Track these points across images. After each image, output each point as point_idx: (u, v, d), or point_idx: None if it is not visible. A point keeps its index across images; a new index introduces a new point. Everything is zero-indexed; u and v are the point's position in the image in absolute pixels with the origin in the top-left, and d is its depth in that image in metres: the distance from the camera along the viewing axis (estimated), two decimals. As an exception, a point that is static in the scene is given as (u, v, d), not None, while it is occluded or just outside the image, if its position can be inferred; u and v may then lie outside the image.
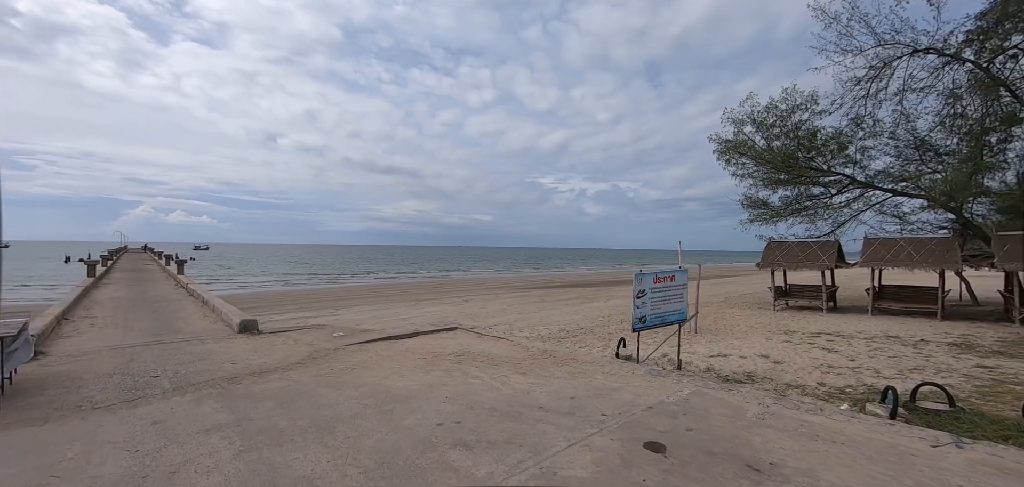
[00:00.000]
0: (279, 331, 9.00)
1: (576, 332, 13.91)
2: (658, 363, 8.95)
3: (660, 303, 8.20)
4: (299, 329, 9.23)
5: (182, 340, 8.16)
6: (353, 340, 7.92)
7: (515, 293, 30.38)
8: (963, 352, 10.38)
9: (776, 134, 18.74)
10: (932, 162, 17.68)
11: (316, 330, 9.11)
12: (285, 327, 9.70)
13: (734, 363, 9.29)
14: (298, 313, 20.21)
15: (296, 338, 8.26)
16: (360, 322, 15.97)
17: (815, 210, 19.57)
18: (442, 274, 55.70)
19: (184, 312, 11.64)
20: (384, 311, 21.07)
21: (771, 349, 10.65)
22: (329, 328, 9.38)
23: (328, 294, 32.27)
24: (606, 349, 10.52)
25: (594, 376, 6.17)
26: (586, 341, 12.03)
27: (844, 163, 18.35)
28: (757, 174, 19.87)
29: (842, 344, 11.22)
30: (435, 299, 27.32)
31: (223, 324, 9.68)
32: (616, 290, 31.68)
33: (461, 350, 7.37)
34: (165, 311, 11.88)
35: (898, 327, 13.39)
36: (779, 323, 14.59)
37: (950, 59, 16.84)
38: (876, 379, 8.27)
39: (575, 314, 19.23)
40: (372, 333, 8.73)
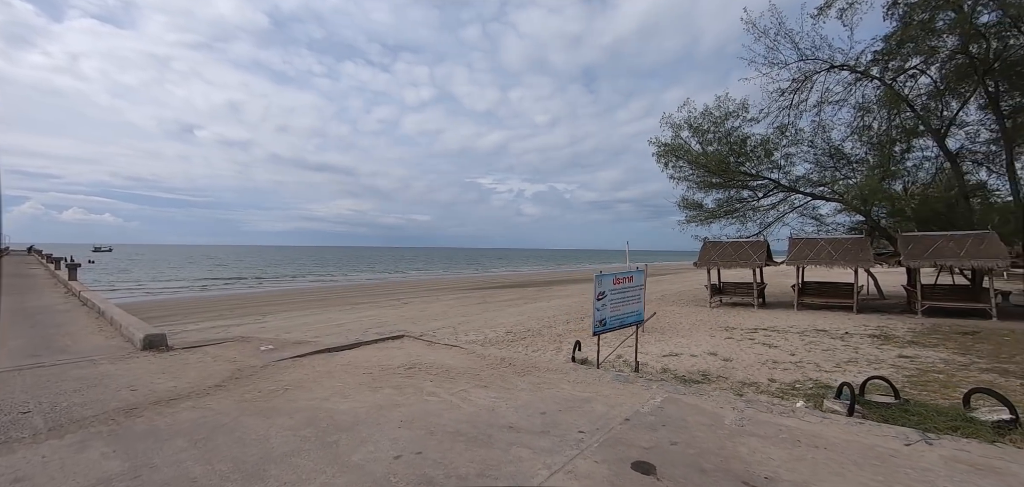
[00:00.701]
0: (194, 345, 7.73)
1: (524, 335, 13.47)
2: (614, 365, 8.69)
3: (619, 305, 7.92)
4: (219, 342, 8.00)
5: (67, 361, 6.72)
6: (285, 354, 6.92)
7: (456, 295, 29.56)
8: (883, 343, 11.07)
9: (710, 139, 19.46)
10: (844, 169, 19.11)
11: (239, 343, 7.94)
12: (202, 340, 8.40)
13: (687, 362, 9.24)
14: (218, 322, 18.23)
15: (215, 354, 7.10)
16: (291, 331, 14.57)
17: (744, 212, 20.55)
18: (379, 276, 53.43)
19: (74, 326, 9.84)
20: (317, 317, 19.53)
21: (717, 346, 10.78)
22: (255, 340, 8.23)
23: (253, 299, 29.69)
24: (559, 352, 10.13)
25: (560, 386, 5.71)
26: (537, 344, 11.60)
27: (770, 168, 19.41)
28: (693, 177, 20.55)
29: (779, 339, 11.63)
30: (372, 302, 25.91)
31: (123, 339, 8.19)
32: (556, 290, 31.77)
33: (411, 361, 6.63)
34: (49, 325, 10.00)
35: (822, 321, 14.20)
36: (718, 320, 15.01)
37: (860, 75, 18.29)
38: (819, 373, 8.50)
39: (520, 315, 18.83)
40: (307, 345, 7.73)
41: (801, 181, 19.43)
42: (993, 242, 14.14)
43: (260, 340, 8.10)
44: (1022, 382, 7.86)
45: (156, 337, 7.43)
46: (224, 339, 8.31)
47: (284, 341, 8.17)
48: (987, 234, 14.40)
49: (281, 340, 8.33)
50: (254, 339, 8.31)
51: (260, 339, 8.28)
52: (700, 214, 20.45)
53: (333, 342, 7.89)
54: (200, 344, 7.85)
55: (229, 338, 8.41)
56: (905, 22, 17.41)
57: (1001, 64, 15.86)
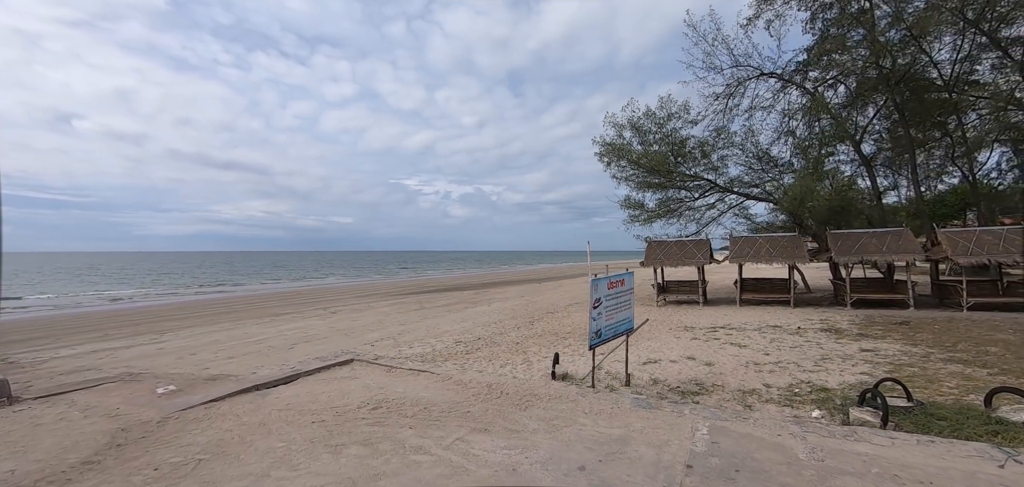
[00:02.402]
0: (54, 393, 5.43)
1: (477, 344, 12.05)
2: (601, 380, 7.59)
3: (613, 312, 6.84)
4: (94, 385, 5.75)
5: None
6: (194, 398, 4.97)
7: (390, 300, 27.23)
8: (838, 336, 11.08)
9: (653, 139, 19.27)
10: (772, 171, 19.80)
11: (125, 384, 5.75)
12: (69, 383, 6.06)
13: (672, 370, 8.39)
14: (101, 345, 14.76)
15: (87, 404, 4.95)
16: (198, 354, 11.96)
17: (681, 212, 20.66)
18: (301, 283, 48.75)
19: None
20: (229, 333, 16.59)
21: (689, 349, 10.11)
22: (148, 377, 6.04)
23: (148, 313, 25.16)
24: (531, 367, 8.86)
25: (577, 420, 4.44)
26: (499, 356, 10.25)
27: (707, 169, 19.62)
28: (635, 177, 20.29)
29: (742, 337, 11.28)
30: (295, 312, 22.93)
31: None
32: (493, 293, 30.50)
33: (373, 398, 5.02)
34: None
35: (768, 316, 14.28)
36: (671, 319, 14.60)
37: (786, 83, 19.01)
38: (805, 373, 8.01)
39: (464, 322, 17.33)
40: (225, 382, 5.74)
41: (735, 182, 19.86)
42: (908, 238, 15.06)
43: (156, 377, 5.92)
44: (990, 372, 7.88)
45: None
46: (102, 379, 6.01)
47: (191, 377, 6.05)
48: (903, 231, 15.31)
49: (187, 375, 6.20)
50: (146, 375, 6.08)
51: (156, 375, 6.06)
52: (642, 214, 20.25)
53: (262, 374, 5.98)
54: (63, 390, 5.53)
55: (109, 377, 6.09)
56: (822, 36, 18.34)
57: (905, 78, 17.09)
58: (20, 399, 5.00)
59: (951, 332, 11.32)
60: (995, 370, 8.00)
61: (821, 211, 17.62)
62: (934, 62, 16.83)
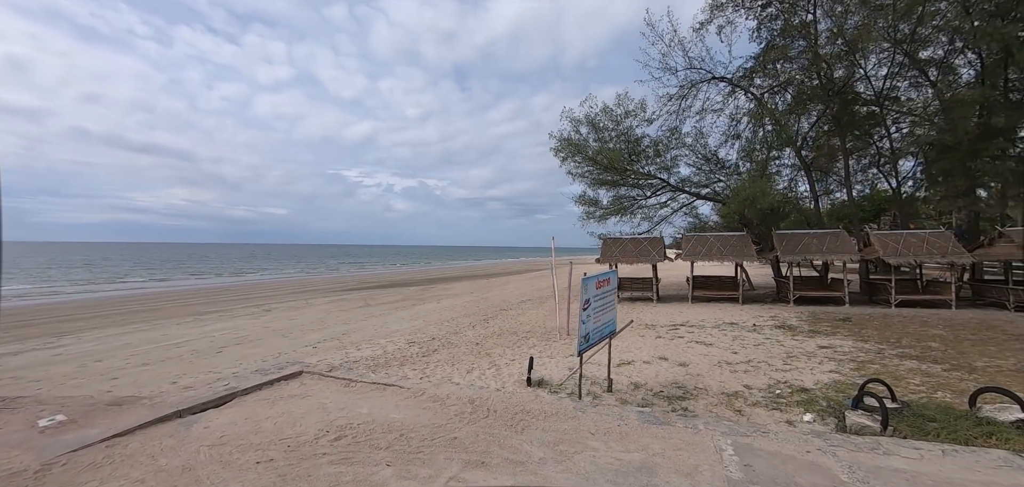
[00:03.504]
0: None
1: (432, 345, 11.14)
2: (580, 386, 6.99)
3: (600, 314, 6.25)
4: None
5: None
6: (90, 434, 3.75)
7: (330, 297, 25.37)
8: (793, 333, 11.27)
9: (609, 137, 19.10)
10: (719, 172, 20.30)
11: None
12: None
13: (647, 372, 7.96)
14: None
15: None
16: (105, 365, 10.15)
17: (634, 210, 20.72)
18: (230, 278, 44.71)
19: None
20: (145, 335, 14.43)
21: (658, 348, 9.80)
22: (28, 402, 4.64)
23: (42, 312, 21.70)
24: (500, 372, 8.10)
25: (584, 443, 3.77)
26: (457, 358, 9.41)
27: (660, 168, 19.76)
28: (590, 174, 20.06)
29: (705, 335, 11.18)
30: (224, 311, 20.66)
31: None
32: (440, 289, 29.40)
33: (333, 423, 4.06)
34: None
35: (722, 313, 14.45)
36: (631, 316, 14.39)
37: (735, 87, 19.50)
38: (779, 373, 7.87)
39: (414, 320, 16.28)
40: (136, 407, 4.49)
41: (685, 182, 20.17)
42: (845, 239, 15.84)
43: (40, 402, 4.51)
44: (944, 368, 8.13)
45: None
46: None
47: (88, 401, 4.69)
48: (840, 233, 16.09)
49: (82, 399, 4.83)
50: (25, 400, 4.63)
51: (40, 401, 4.63)
52: (597, 210, 20.08)
53: (185, 394, 4.79)
54: None
55: None
56: (767, 45, 18.98)
57: (841, 90, 18.01)
58: None
59: (891, 328, 11.87)
60: (946, 365, 8.28)
61: (765, 212, 18.26)
62: (867, 75, 17.86)
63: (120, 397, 4.59)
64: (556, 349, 9.93)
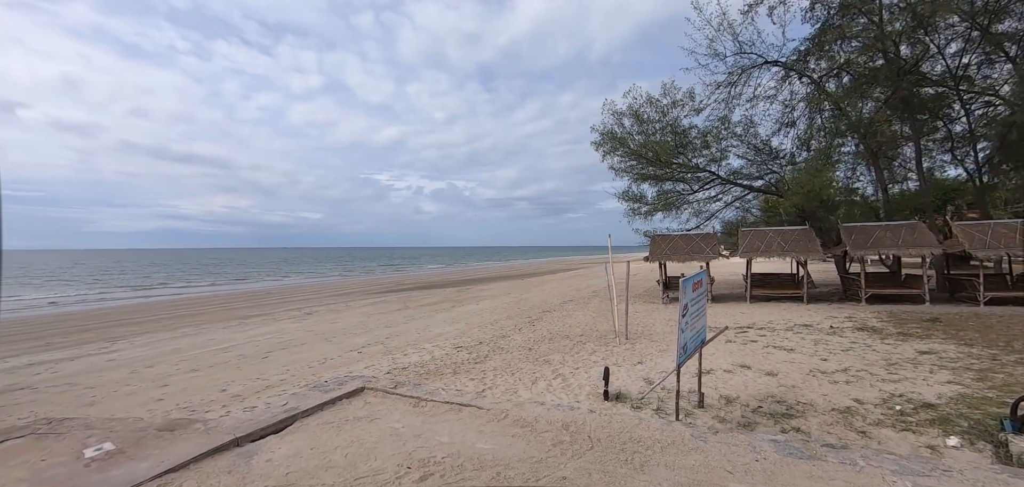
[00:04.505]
0: None
1: (482, 350, 10.49)
2: (660, 399, 6.18)
3: (695, 320, 5.43)
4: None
5: None
6: (140, 469, 3.21)
7: (369, 299, 25.19)
8: (881, 337, 10.08)
9: (654, 129, 18.08)
10: (772, 163, 18.96)
11: (37, 440, 3.86)
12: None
13: (732, 383, 7.05)
14: (40, 356, 12.32)
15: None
16: (156, 371, 9.92)
17: (680, 205, 19.60)
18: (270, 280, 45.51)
19: None
20: (193, 340, 14.37)
21: (735, 355, 8.82)
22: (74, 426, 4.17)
23: (97, 317, 22.28)
24: (566, 383, 7.37)
25: (709, 475, 3.00)
26: (515, 365, 8.71)
27: (709, 160, 18.59)
28: (633, 169, 19.09)
29: (779, 339, 10.13)
30: (266, 314, 20.67)
31: None
32: (477, 289, 28.86)
33: (412, 455, 3.41)
34: None
35: (787, 313, 13.28)
36: (685, 318, 13.44)
37: (790, 72, 18.15)
38: (888, 384, 6.83)
39: (455, 323, 15.70)
40: (189, 434, 3.95)
41: (736, 174, 18.92)
42: (922, 231, 14.36)
43: (87, 426, 4.00)
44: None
45: None
46: (7, 430, 4.09)
47: (138, 427, 4.14)
48: (916, 224, 14.62)
49: (131, 423, 4.29)
50: (72, 424, 4.14)
51: (87, 425, 4.10)
52: (642, 206, 19.06)
53: (242, 415, 4.24)
54: None
55: (16, 430, 4.12)
56: (823, 25, 17.57)
57: (912, 69, 16.44)
58: None
59: (992, 330, 10.51)
60: (1088, 376, 7.06)
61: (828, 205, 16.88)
62: (940, 51, 16.25)
63: (172, 419, 4.08)
64: (619, 356, 9.10)
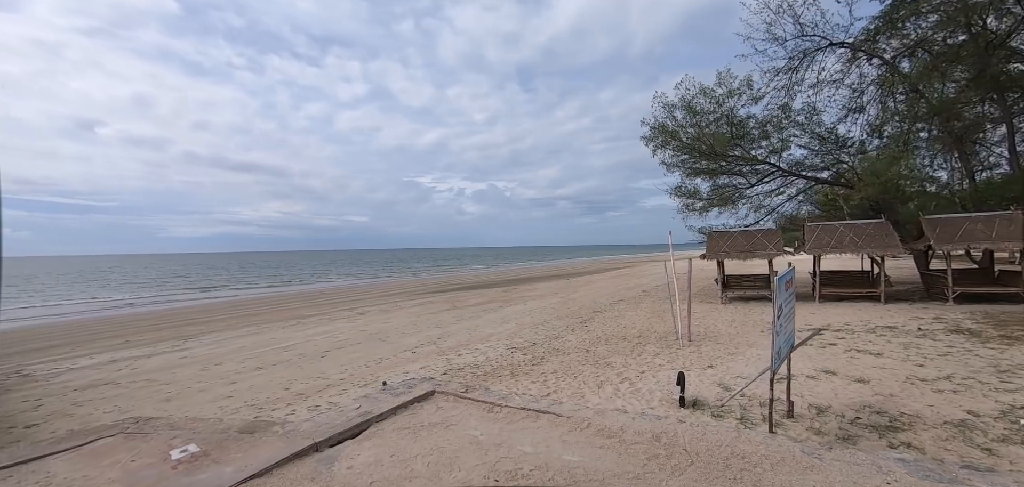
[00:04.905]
0: (23, 461, 3.60)
1: (536, 351, 10.23)
2: (746, 410, 5.70)
3: (788, 322, 4.96)
4: (82, 444, 3.93)
5: None
6: (225, 474, 3.16)
7: (417, 300, 25.51)
8: (982, 341, 9.02)
9: (709, 120, 17.23)
10: (839, 152, 17.65)
11: (125, 439, 3.92)
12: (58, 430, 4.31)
13: (819, 391, 6.41)
14: (121, 353, 13.17)
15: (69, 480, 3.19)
16: (225, 369, 10.29)
17: (736, 199, 18.62)
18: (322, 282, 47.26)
19: None
20: (256, 338, 14.95)
21: (814, 360, 8.10)
22: (160, 427, 4.23)
23: (168, 317, 23.72)
24: (633, 386, 6.99)
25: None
26: (575, 368, 8.40)
27: (768, 152, 17.53)
28: (686, 163, 18.29)
29: (862, 342, 9.27)
30: (321, 313, 21.31)
31: None
32: (523, 289, 28.65)
33: (496, 465, 3.20)
34: None
35: (864, 314, 12.23)
36: (752, 318, 12.64)
37: (857, 53, 16.82)
38: (1009, 395, 6.01)
39: (506, 322, 15.52)
40: (269, 437, 3.91)
41: (798, 165, 17.75)
42: (1020, 222, 12.87)
43: (171, 427, 4.04)
44: None
45: None
46: (99, 428, 4.18)
47: (218, 428, 4.14)
48: (1013, 214, 13.13)
49: (212, 424, 4.32)
50: (157, 425, 4.19)
51: (171, 425, 4.14)
52: (696, 202, 18.23)
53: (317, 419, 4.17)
54: (39, 454, 3.69)
55: (107, 427, 4.19)
56: (895, 1, 16.14)
57: (1002, 41, 14.83)
58: (-35, 473, 3.25)
59: None
60: None
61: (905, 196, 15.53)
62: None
63: (251, 421, 4.07)
64: (686, 359, 8.59)
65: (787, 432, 4.86)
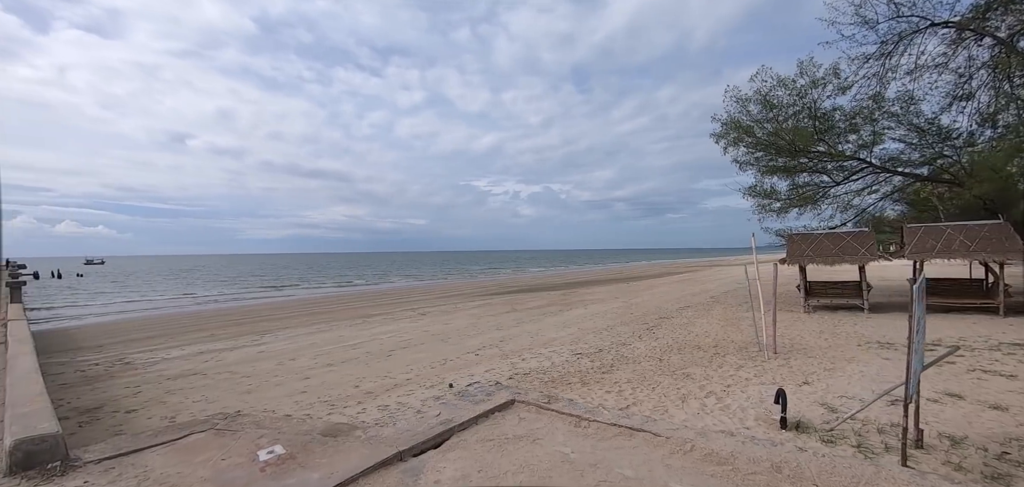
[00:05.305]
0: (121, 453, 3.70)
1: (603, 358, 9.72)
2: (862, 435, 4.99)
3: (921, 338, 4.27)
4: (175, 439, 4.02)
5: None
6: (313, 481, 3.07)
7: (476, 301, 25.62)
8: None
9: (787, 114, 15.91)
10: (942, 145, 15.70)
11: (215, 436, 3.95)
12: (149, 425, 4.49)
13: (947, 417, 5.51)
14: (207, 345, 14.09)
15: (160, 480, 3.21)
16: (299, 364, 10.64)
17: (818, 199, 17.08)
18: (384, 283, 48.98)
19: None
20: (325, 336, 15.50)
21: (940, 383, 7.05)
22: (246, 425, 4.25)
23: (249, 313, 25.28)
24: (721, 402, 6.39)
25: None
26: (650, 378, 7.86)
27: (858, 146, 15.92)
28: (760, 160, 17.02)
29: (985, 361, 8.02)
30: (384, 313, 21.85)
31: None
32: (582, 293, 28.00)
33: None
34: None
35: (983, 328, 10.68)
36: (842, 329, 11.43)
37: (965, 32, 14.88)
38: None
39: (567, 327, 15.06)
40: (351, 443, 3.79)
41: (892, 161, 15.99)
42: None
43: (258, 426, 4.05)
44: None
45: (38, 449, 3.21)
46: (191, 423, 4.28)
47: (302, 430, 4.09)
48: None
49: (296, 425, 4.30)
50: (244, 423, 4.23)
51: (257, 423, 4.16)
52: (773, 202, 16.90)
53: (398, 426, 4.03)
54: (136, 448, 3.79)
55: (198, 422, 4.29)
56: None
57: None
58: (77, 463, 3.36)
59: None
60: None
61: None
62: None
63: (334, 423, 4.00)
64: (776, 373, 7.80)
65: (920, 465, 4.15)
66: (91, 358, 12.44)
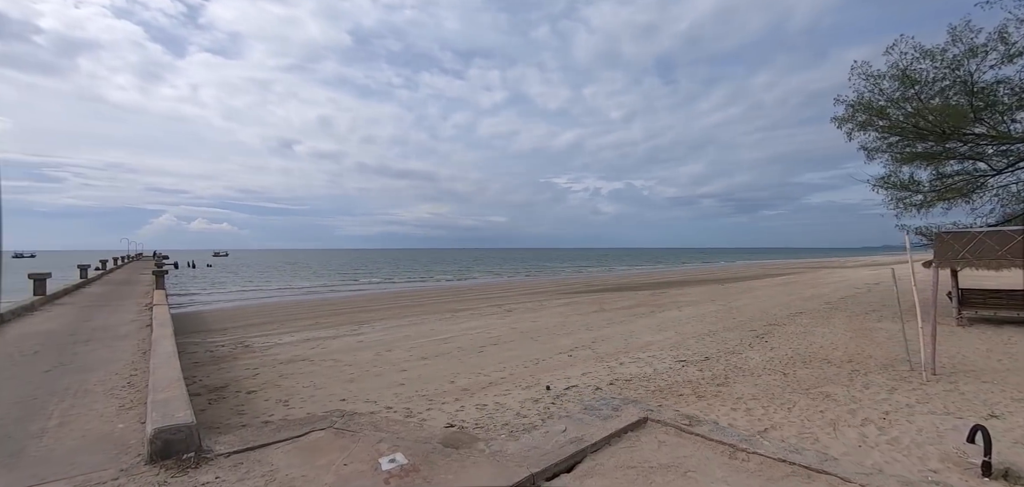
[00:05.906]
0: (248, 448, 3.65)
1: (712, 368, 8.70)
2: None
3: None
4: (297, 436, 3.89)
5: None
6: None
7: (561, 300, 25.05)
8: None
9: (935, 91, 13.45)
10: None
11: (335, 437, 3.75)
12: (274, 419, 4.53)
13: None
14: (312, 333, 15.02)
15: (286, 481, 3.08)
16: (394, 356, 10.82)
17: (972, 191, 14.30)
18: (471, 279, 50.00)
19: (92, 376, 6.03)
20: (417, 328, 15.86)
21: None
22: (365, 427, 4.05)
23: (347, 304, 26.94)
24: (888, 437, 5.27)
25: None
26: (781, 397, 6.80)
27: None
28: (895, 146, 14.62)
29: None
30: (471, 309, 22.06)
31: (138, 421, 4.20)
32: (673, 294, 26.31)
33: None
34: (68, 368, 6.57)
35: None
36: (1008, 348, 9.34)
37: None
38: None
39: (663, 330, 13.99)
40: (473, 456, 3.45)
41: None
42: None
43: (375, 427, 3.81)
44: None
45: (175, 438, 3.28)
46: (311, 418, 4.19)
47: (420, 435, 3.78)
48: None
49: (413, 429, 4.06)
50: (362, 423, 4.02)
51: (375, 425, 3.92)
52: (913, 196, 14.42)
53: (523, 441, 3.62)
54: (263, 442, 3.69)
55: (316, 418, 4.19)
56: None
57: None
58: (209, 455, 3.35)
59: None
60: None
61: None
62: None
63: (454, 434, 3.70)
64: (943, 400, 6.37)
65: None
66: (218, 340, 13.75)
